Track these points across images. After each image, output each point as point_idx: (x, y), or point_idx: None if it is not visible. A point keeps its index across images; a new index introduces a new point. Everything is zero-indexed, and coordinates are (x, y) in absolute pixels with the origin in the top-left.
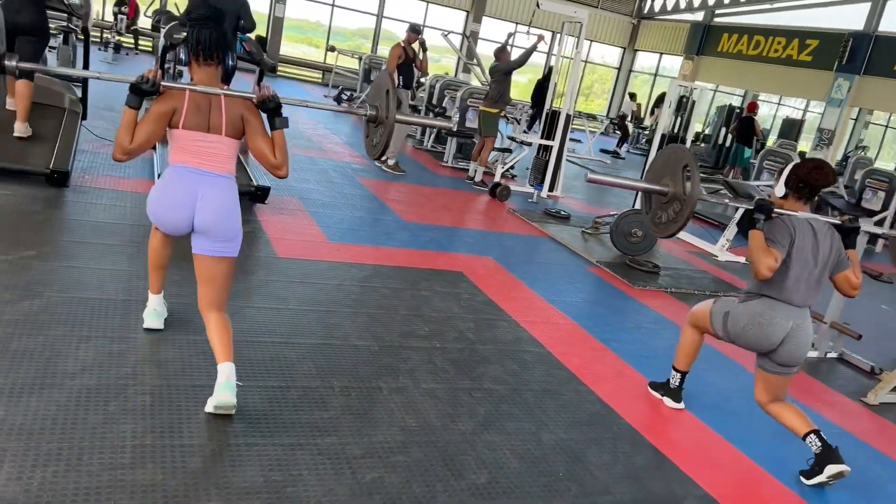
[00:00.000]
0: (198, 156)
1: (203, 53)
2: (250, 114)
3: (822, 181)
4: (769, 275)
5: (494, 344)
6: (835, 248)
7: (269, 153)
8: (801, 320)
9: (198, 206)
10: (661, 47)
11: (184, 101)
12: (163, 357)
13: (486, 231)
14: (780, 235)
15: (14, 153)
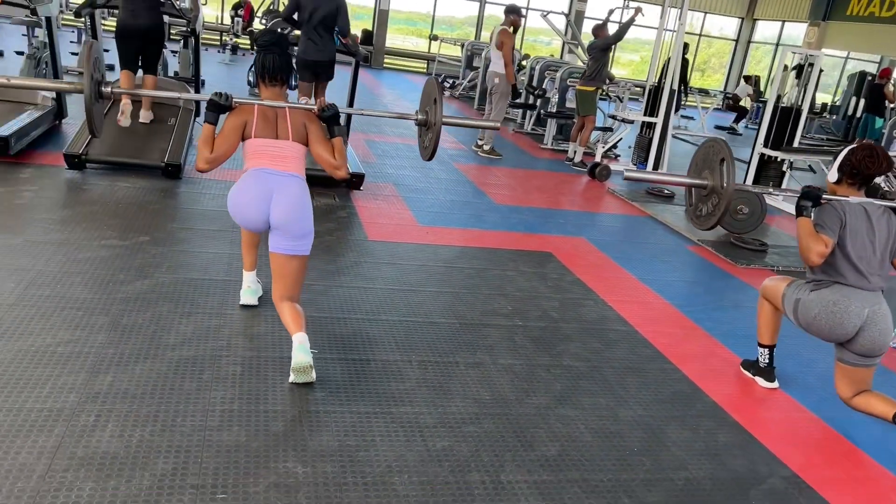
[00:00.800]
0: (270, 159)
1: (269, 76)
2: (311, 122)
3: (874, 169)
4: (819, 261)
5: (578, 322)
6: (893, 230)
7: (329, 156)
8: (878, 305)
9: (273, 202)
10: (782, 15)
11: (254, 115)
12: (255, 331)
13: (581, 212)
14: (829, 220)
15: (134, 150)
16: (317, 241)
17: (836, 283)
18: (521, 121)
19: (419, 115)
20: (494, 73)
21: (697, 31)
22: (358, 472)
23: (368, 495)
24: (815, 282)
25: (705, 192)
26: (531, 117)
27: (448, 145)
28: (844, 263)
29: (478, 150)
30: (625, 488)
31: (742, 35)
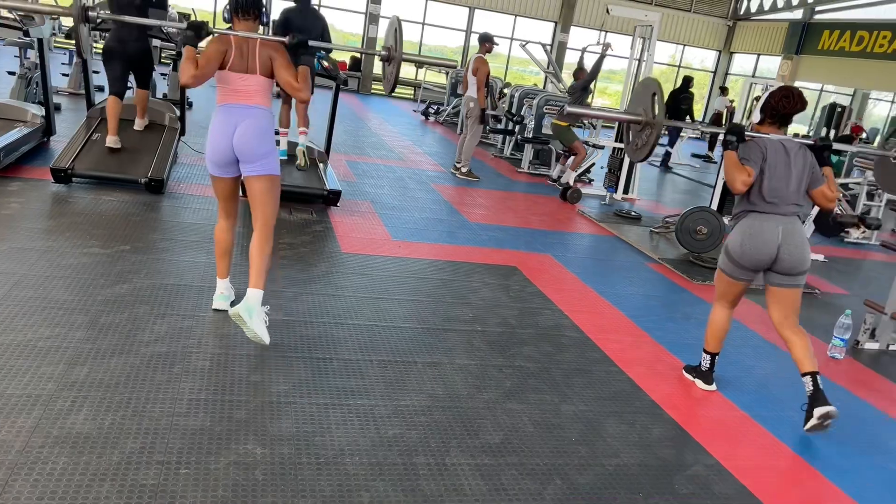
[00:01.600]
0: (237, 93)
1: (241, 10)
2: (277, 52)
3: (789, 107)
4: (743, 189)
5: (534, 329)
6: (808, 165)
7: (293, 79)
8: (790, 225)
9: (236, 133)
10: (758, 48)
11: (232, 46)
12: (225, 332)
13: (550, 231)
14: (752, 154)
15: (118, 165)
16: (290, 252)
17: (752, 212)
18: (500, 146)
19: (382, 52)
20: (470, 97)
21: (677, 63)
22: (312, 454)
23: (321, 473)
24: (734, 217)
25: (640, 126)
26: (510, 143)
27: (428, 167)
28: (759, 195)
29: (456, 173)
30: (559, 472)
31: (720, 67)
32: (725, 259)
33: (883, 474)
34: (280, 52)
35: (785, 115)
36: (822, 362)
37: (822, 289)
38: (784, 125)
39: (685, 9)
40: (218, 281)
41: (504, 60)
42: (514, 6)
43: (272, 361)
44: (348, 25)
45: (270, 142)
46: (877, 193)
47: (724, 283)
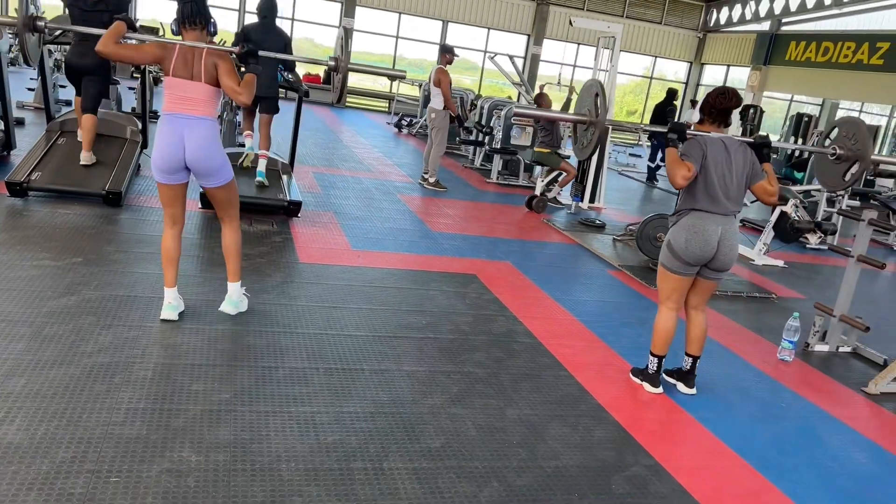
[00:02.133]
0: (181, 101)
1: (187, 21)
2: (221, 60)
3: (725, 104)
4: (684, 183)
5: (487, 336)
6: (748, 161)
7: (234, 85)
8: (728, 226)
9: (186, 146)
10: (728, 59)
11: (174, 53)
12: (171, 342)
13: (512, 239)
14: (693, 151)
15: (77, 178)
16: (247, 263)
17: (693, 210)
18: (471, 157)
19: (330, 62)
20: (432, 108)
21: (650, 75)
22: (248, 461)
23: (255, 480)
24: (675, 215)
25: (585, 125)
26: (480, 153)
27: (396, 178)
28: (702, 192)
29: (423, 183)
30: (497, 474)
31: (691, 78)
32: (669, 256)
33: (820, 472)
34: (225, 59)
35: (722, 110)
36: (772, 365)
37: (780, 294)
38: (723, 123)
39: (656, 21)
40: (166, 291)
41: (478, 73)
42: (487, 19)
43: (216, 370)
44: (327, 40)
45: (221, 152)
46: (837, 199)
47: (670, 281)
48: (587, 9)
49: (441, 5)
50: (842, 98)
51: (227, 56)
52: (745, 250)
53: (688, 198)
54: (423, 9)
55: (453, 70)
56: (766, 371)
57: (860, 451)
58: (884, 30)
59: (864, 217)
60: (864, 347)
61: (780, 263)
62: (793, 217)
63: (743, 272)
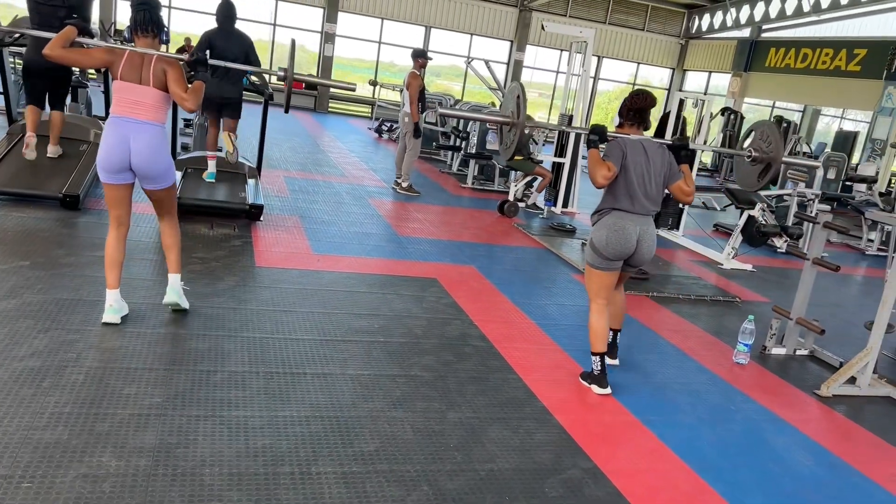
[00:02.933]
0: (128, 105)
1: (140, 28)
2: (170, 67)
3: (640, 103)
4: (605, 183)
5: (439, 339)
6: (666, 162)
7: (181, 91)
8: (646, 226)
9: (131, 149)
10: (709, 66)
11: (122, 58)
12: (109, 345)
13: (480, 244)
14: (612, 151)
15: (33, 181)
16: (201, 267)
17: (614, 210)
18: (449, 162)
19: (280, 71)
20: (406, 113)
21: (633, 81)
22: (170, 466)
23: (174, 485)
24: (597, 214)
25: (508, 126)
26: (457, 158)
27: (369, 183)
28: (622, 192)
29: (396, 188)
30: (428, 478)
31: (674, 84)
32: (593, 254)
33: (761, 474)
34: (174, 66)
35: (637, 111)
36: (727, 368)
37: (743, 297)
38: (641, 124)
39: (639, 28)
40: (108, 293)
41: (461, 79)
42: (470, 25)
43: (151, 374)
44: (312, 44)
45: (166, 157)
46: (807, 204)
47: (596, 278)
48: (570, 15)
49: (424, 11)
50: (821, 104)
51: (176, 63)
52: (713, 254)
53: (608, 197)
54: (406, 14)
55: (442, 75)
56: (720, 374)
57: (805, 454)
58: (861, 37)
59: (818, 220)
60: (821, 350)
61: (747, 267)
62: (759, 221)
63: (710, 276)
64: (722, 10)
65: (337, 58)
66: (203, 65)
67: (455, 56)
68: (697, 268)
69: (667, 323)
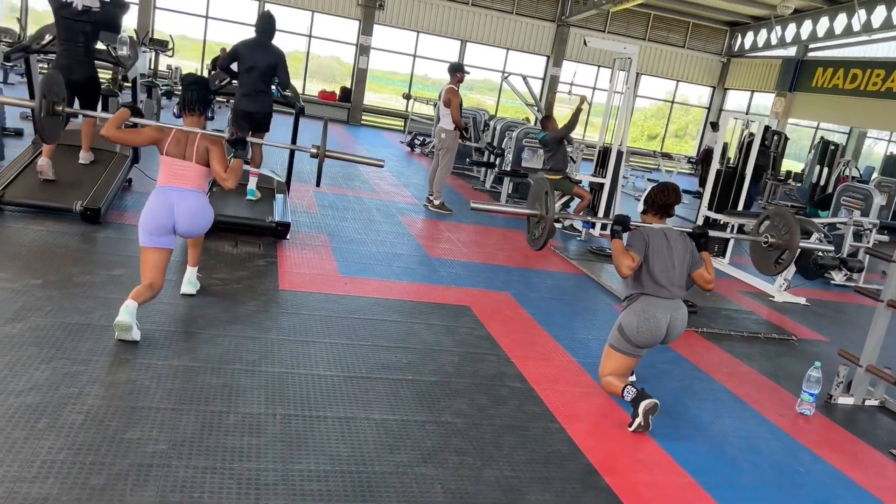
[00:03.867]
0: (173, 177)
1: (188, 107)
2: (213, 145)
3: (664, 199)
4: (628, 273)
5: (473, 378)
6: (688, 249)
7: (221, 170)
8: (676, 311)
9: (176, 214)
10: (751, 85)
11: (169, 136)
12: (114, 379)
13: (514, 267)
14: (636, 242)
15: (54, 193)
16: (222, 289)
17: (642, 295)
18: (483, 179)
19: (313, 149)
20: (442, 129)
21: (671, 99)
22: None
23: None
24: (627, 300)
25: (536, 218)
26: (491, 175)
27: (400, 199)
28: (648, 278)
29: (428, 205)
30: None
31: (714, 103)
32: (620, 338)
33: None
34: (216, 144)
35: (662, 205)
36: (790, 419)
37: (800, 335)
38: (664, 215)
39: (679, 45)
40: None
41: (495, 93)
42: (506, 40)
43: (158, 416)
44: (347, 56)
45: (208, 217)
46: (864, 234)
47: (617, 360)
48: (608, 31)
49: (460, 25)
50: (870, 127)
51: (218, 141)
52: (763, 285)
53: (636, 284)
54: (442, 28)
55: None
56: (782, 427)
57: None
58: None
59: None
60: (893, 402)
61: (801, 301)
62: (816, 253)
63: (761, 309)
64: (766, 28)
65: (371, 70)
66: (242, 144)
67: (490, 70)
68: (747, 300)
69: (720, 364)
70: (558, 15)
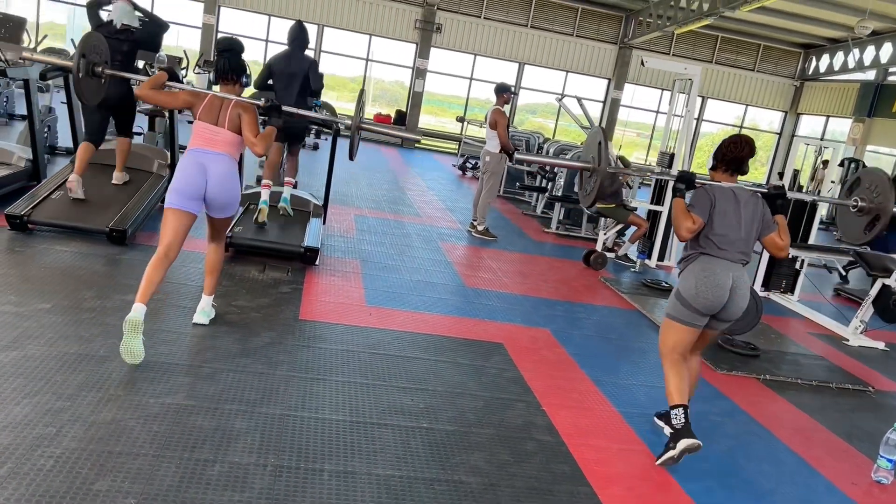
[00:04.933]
0: (204, 141)
1: (220, 75)
2: (245, 112)
3: (736, 152)
4: (688, 236)
5: (496, 428)
6: (759, 212)
7: (252, 136)
8: (739, 273)
9: (208, 175)
10: (827, 110)
11: (203, 101)
12: (98, 418)
13: (558, 301)
14: (700, 202)
15: (82, 213)
16: (238, 318)
17: (701, 255)
18: (533, 203)
19: (347, 121)
20: (487, 151)
21: (740, 124)
22: None
23: None
24: (683, 260)
25: (588, 172)
26: (542, 200)
27: (444, 224)
28: (710, 240)
29: (471, 231)
30: None
31: (786, 129)
32: (679, 305)
33: None
34: (249, 111)
35: (733, 159)
36: (864, 489)
37: (877, 385)
38: (737, 172)
39: (748, 68)
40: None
41: (554, 116)
42: (565, 62)
43: (135, 462)
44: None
45: (237, 187)
46: None
47: (676, 333)
48: (673, 53)
49: (518, 48)
50: None
51: (251, 108)
52: (836, 326)
53: (696, 244)
54: (500, 51)
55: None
56: (854, 497)
57: None
58: None
59: None
60: None
61: (880, 346)
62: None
63: (834, 355)
64: (843, 51)
65: (430, 93)
66: (277, 111)
67: (550, 94)
68: (818, 343)
69: (784, 419)
70: (620, 37)
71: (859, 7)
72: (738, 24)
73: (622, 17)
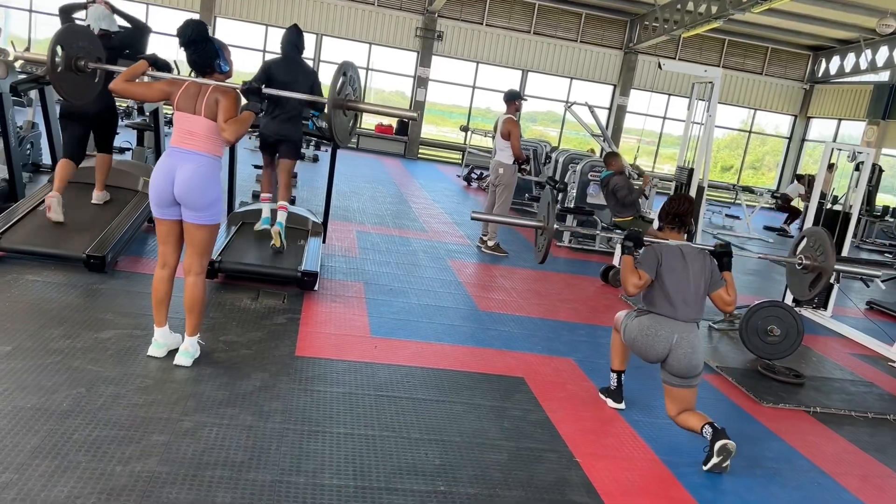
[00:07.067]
0: (181, 135)
1: (196, 69)
2: (223, 96)
3: (677, 208)
4: (635, 292)
5: (525, 489)
6: (707, 268)
7: (221, 121)
8: (685, 333)
9: (175, 178)
10: (838, 113)
11: (180, 88)
12: (50, 497)
13: (579, 324)
14: (647, 260)
15: (56, 238)
16: (226, 356)
17: (651, 313)
18: None
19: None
20: (499, 163)
21: (747, 129)
22: None
23: None
24: (638, 311)
25: (541, 231)
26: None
27: (451, 239)
28: (660, 296)
29: (481, 246)
30: None
31: (795, 133)
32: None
33: None
34: (227, 96)
35: (675, 215)
36: None
37: None
38: (681, 227)
39: (756, 71)
40: (155, 329)
41: (558, 124)
42: (570, 69)
43: None
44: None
45: (214, 191)
46: None
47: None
48: (679, 58)
49: (521, 54)
50: None
51: (230, 92)
52: (880, 346)
53: (648, 301)
54: (502, 58)
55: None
56: None
57: None
58: None
59: None
60: None
61: None
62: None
63: (884, 380)
64: (854, 52)
65: (432, 103)
66: (256, 94)
67: (553, 101)
68: (861, 365)
69: (845, 461)
70: (625, 42)
71: (869, 6)
72: (745, 27)
73: (627, 21)
